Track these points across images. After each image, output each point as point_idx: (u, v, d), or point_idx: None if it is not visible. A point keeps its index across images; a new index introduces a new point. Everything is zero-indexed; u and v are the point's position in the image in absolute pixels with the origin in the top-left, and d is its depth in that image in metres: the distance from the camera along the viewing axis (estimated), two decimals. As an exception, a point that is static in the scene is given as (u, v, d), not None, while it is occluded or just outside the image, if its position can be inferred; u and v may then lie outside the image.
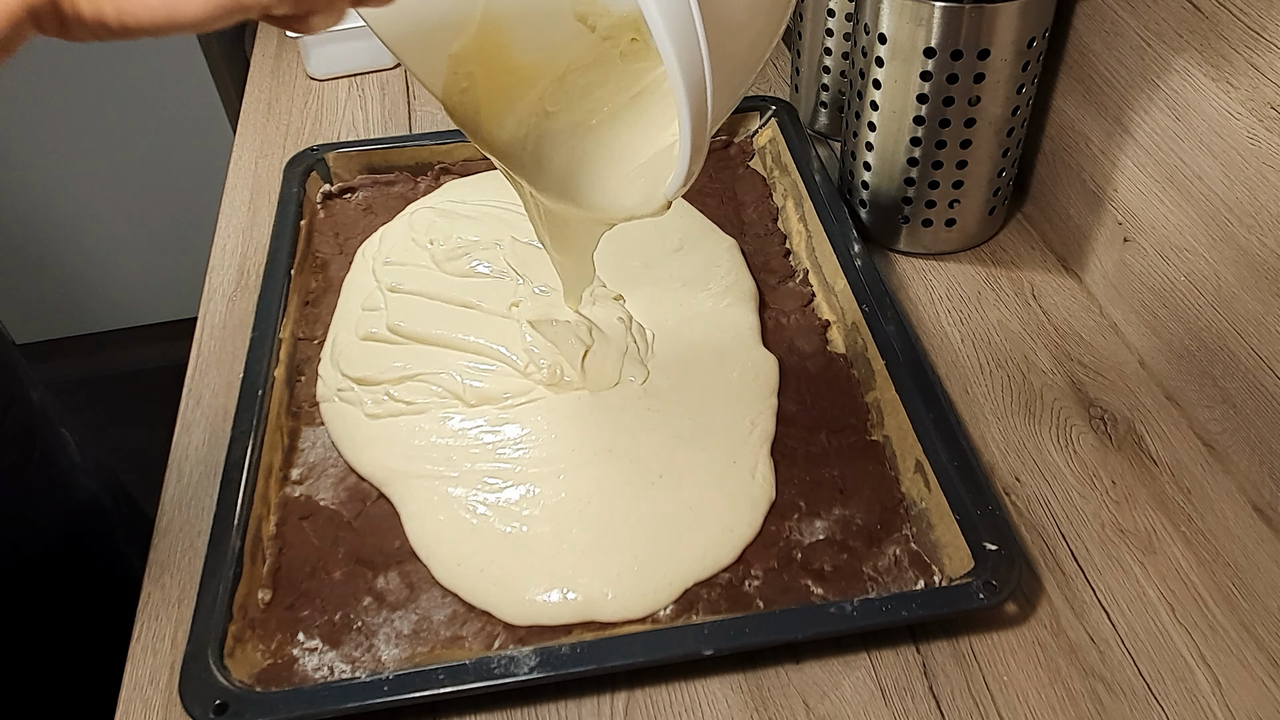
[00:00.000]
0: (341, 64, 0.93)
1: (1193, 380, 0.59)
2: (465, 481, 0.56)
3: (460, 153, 0.78)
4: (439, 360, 0.62)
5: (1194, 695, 0.47)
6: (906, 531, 0.53)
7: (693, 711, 0.48)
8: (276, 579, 0.52)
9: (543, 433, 0.58)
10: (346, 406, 0.60)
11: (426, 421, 0.59)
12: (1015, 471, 0.57)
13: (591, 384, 0.60)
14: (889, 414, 0.57)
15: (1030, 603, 0.51)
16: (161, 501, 0.57)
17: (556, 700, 0.48)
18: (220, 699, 0.44)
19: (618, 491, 0.55)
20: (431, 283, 0.67)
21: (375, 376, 0.61)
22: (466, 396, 0.60)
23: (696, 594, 0.50)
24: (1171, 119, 0.57)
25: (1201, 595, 0.51)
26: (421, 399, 0.60)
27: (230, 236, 0.76)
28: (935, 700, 0.48)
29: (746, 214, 0.74)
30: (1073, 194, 0.69)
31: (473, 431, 0.58)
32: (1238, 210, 0.53)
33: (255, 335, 0.62)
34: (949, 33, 0.61)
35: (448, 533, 0.53)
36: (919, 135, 0.65)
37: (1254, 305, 0.53)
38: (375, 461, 0.57)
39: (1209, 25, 0.53)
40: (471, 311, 0.65)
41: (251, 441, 0.55)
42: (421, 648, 0.49)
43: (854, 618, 0.47)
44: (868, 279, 0.63)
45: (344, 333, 0.64)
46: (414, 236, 0.70)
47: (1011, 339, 0.65)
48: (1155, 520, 0.55)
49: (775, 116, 0.78)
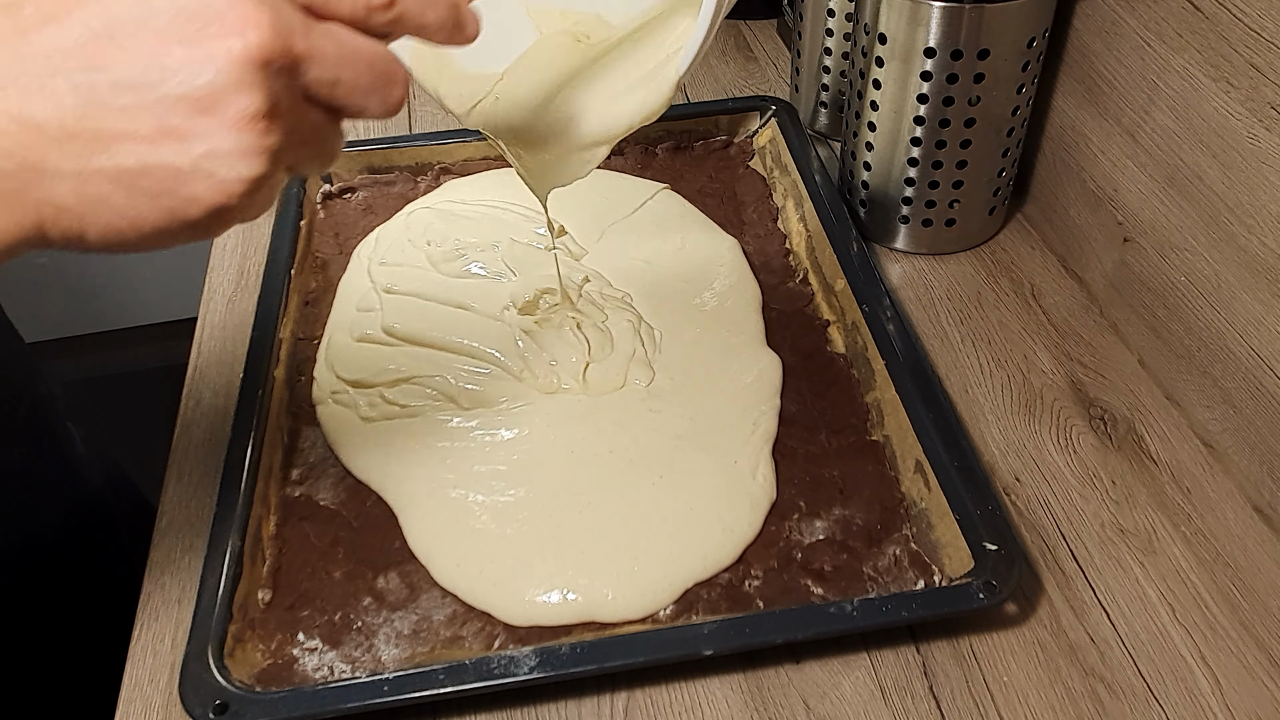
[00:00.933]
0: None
1: (1193, 380, 0.59)
2: (464, 483, 0.55)
3: (460, 153, 0.78)
4: (434, 363, 0.62)
5: (1194, 695, 0.47)
6: (906, 531, 0.53)
7: (693, 711, 0.48)
8: (276, 579, 0.52)
9: (542, 435, 0.58)
10: (341, 409, 0.60)
11: (422, 424, 0.59)
12: (1015, 471, 0.57)
13: (594, 391, 0.60)
14: (889, 414, 0.57)
15: (1030, 603, 0.51)
16: (161, 501, 0.57)
17: (556, 700, 0.48)
18: (220, 699, 0.44)
19: (618, 492, 0.55)
20: (427, 284, 0.66)
21: (369, 379, 0.61)
22: (461, 400, 0.60)
23: (696, 594, 0.50)
24: (1171, 119, 0.57)
25: (1201, 595, 0.51)
26: (416, 402, 0.60)
27: (230, 236, 0.76)
28: (935, 700, 0.48)
29: (746, 214, 0.74)
30: (1073, 194, 0.69)
31: (470, 433, 0.58)
32: (1238, 210, 0.53)
33: (255, 335, 0.62)
34: (949, 33, 0.61)
35: (447, 535, 0.53)
36: (919, 135, 0.65)
37: (1254, 305, 0.53)
38: (372, 465, 0.57)
39: (1209, 25, 0.53)
40: (467, 314, 0.64)
41: (251, 441, 0.55)
42: (421, 648, 0.49)
43: (854, 618, 0.47)
44: (868, 279, 0.63)
45: (339, 334, 0.64)
46: (410, 237, 0.70)
47: (1011, 339, 0.65)
48: (1155, 520, 0.55)
49: (775, 116, 0.78)
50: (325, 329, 0.65)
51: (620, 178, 0.76)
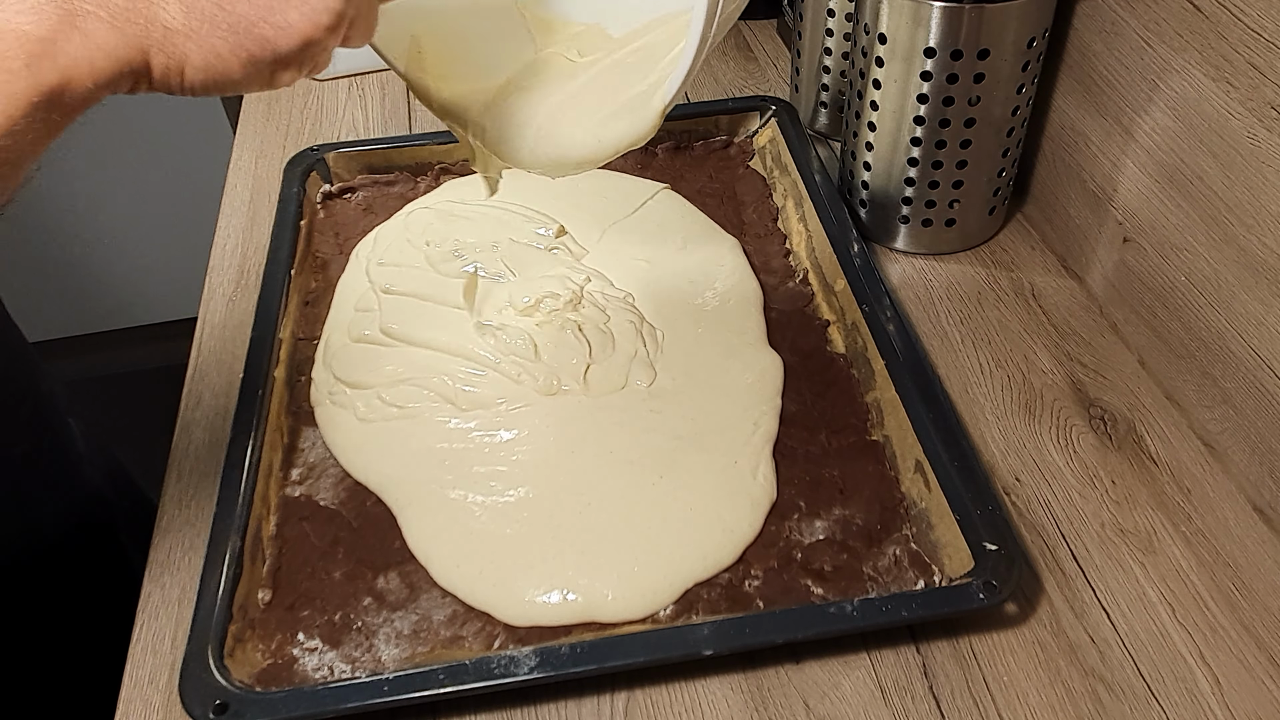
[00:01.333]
0: (341, 64, 0.93)
1: (1193, 380, 0.59)
2: (463, 484, 0.55)
3: (460, 153, 0.78)
4: (431, 364, 0.62)
5: (1194, 695, 0.47)
6: (906, 531, 0.53)
7: (693, 711, 0.48)
8: (276, 579, 0.52)
9: (541, 435, 0.58)
10: (339, 410, 0.60)
11: (420, 425, 0.59)
12: (1015, 471, 0.57)
13: (595, 393, 0.60)
14: (889, 414, 0.57)
15: (1030, 603, 0.51)
16: (161, 501, 0.57)
17: (556, 700, 0.48)
18: (220, 699, 0.44)
19: (618, 493, 0.55)
20: (425, 284, 0.66)
21: (367, 380, 0.61)
22: (459, 401, 0.59)
23: (696, 594, 0.50)
24: (1171, 119, 0.57)
25: (1201, 595, 0.51)
26: (413, 403, 0.59)
27: (230, 236, 0.76)
28: (935, 700, 0.48)
29: (746, 214, 0.74)
30: (1073, 194, 0.69)
31: (469, 434, 0.58)
32: (1238, 210, 0.53)
33: (255, 335, 0.62)
34: (949, 33, 0.61)
35: (446, 535, 0.53)
36: (919, 135, 0.65)
37: (1254, 305, 0.53)
38: (370, 467, 0.57)
39: (1209, 25, 0.53)
40: (464, 314, 0.64)
41: (251, 441, 0.55)
42: (421, 648, 0.49)
43: (854, 618, 0.47)
44: (867, 279, 0.63)
45: (336, 334, 0.64)
46: (409, 237, 0.70)
47: (1011, 339, 0.65)
48: (1155, 520, 0.55)
49: (775, 116, 0.78)
50: (324, 329, 0.65)
51: (620, 177, 0.76)
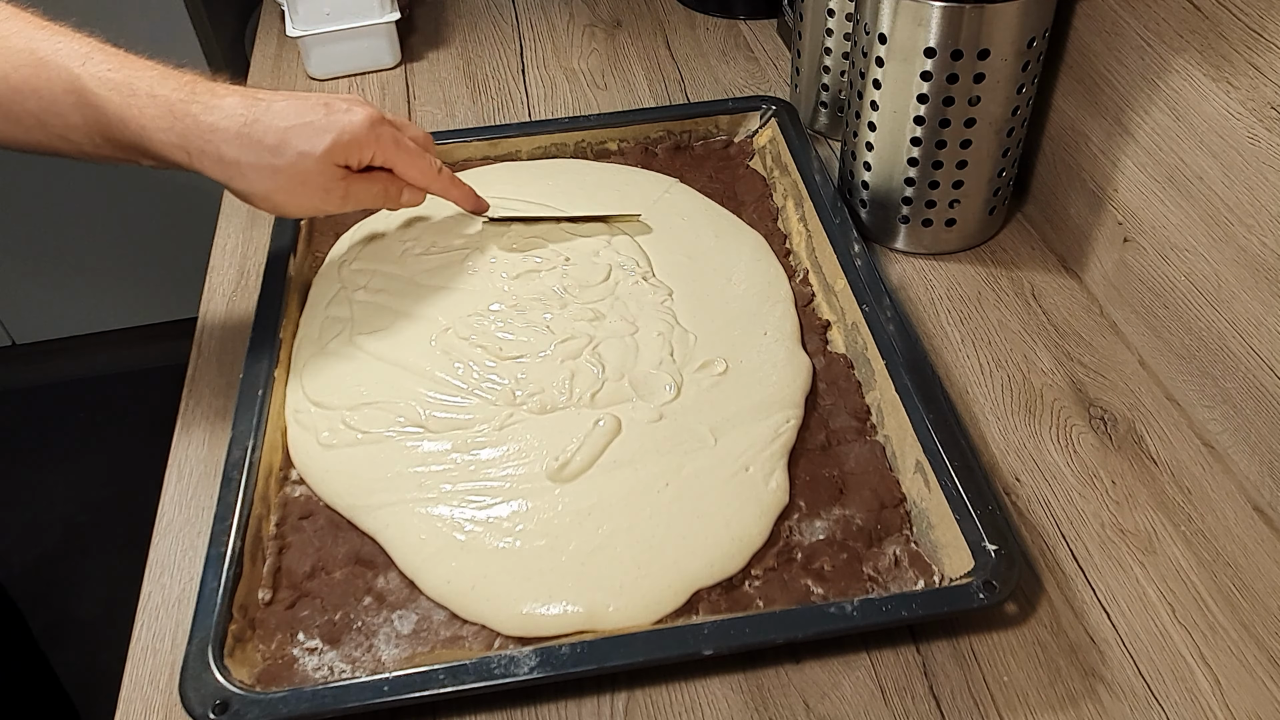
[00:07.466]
0: (342, 64, 0.93)
1: (1193, 380, 0.59)
2: (446, 501, 0.53)
3: (460, 153, 0.78)
4: (402, 384, 0.59)
5: (1194, 695, 0.47)
6: (906, 531, 0.53)
7: (693, 711, 0.48)
8: (276, 579, 0.52)
9: (533, 449, 0.55)
10: (302, 431, 0.57)
11: (388, 450, 0.56)
12: (1015, 471, 0.57)
13: (603, 406, 0.57)
14: (889, 414, 0.57)
15: (1030, 603, 0.51)
16: (161, 501, 0.57)
17: (556, 700, 0.48)
18: (220, 699, 0.45)
19: (621, 501, 0.53)
20: (406, 296, 0.64)
21: (332, 401, 0.58)
22: (429, 425, 0.57)
23: (697, 594, 0.50)
24: (1171, 119, 0.57)
25: (1201, 595, 0.51)
26: (379, 429, 0.57)
27: (230, 236, 0.76)
28: (935, 700, 0.48)
29: (746, 214, 0.74)
30: (1073, 194, 0.69)
31: (445, 455, 0.55)
32: (1238, 210, 0.53)
33: (255, 335, 0.62)
34: (949, 33, 0.61)
35: (432, 550, 0.51)
36: (919, 135, 0.65)
37: (1254, 305, 0.53)
38: (338, 499, 0.54)
39: (1209, 25, 0.53)
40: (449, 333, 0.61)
41: (251, 441, 0.55)
42: (421, 648, 0.49)
43: (854, 618, 0.47)
44: (868, 279, 0.63)
45: (308, 343, 0.62)
46: (393, 236, 0.69)
47: (1011, 339, 0.65)
48: (1155, 520, 0.55)
49: (775, 116, 0.78)
50: (298, 327, 0.64)
51: (631, 171, 0.76)
